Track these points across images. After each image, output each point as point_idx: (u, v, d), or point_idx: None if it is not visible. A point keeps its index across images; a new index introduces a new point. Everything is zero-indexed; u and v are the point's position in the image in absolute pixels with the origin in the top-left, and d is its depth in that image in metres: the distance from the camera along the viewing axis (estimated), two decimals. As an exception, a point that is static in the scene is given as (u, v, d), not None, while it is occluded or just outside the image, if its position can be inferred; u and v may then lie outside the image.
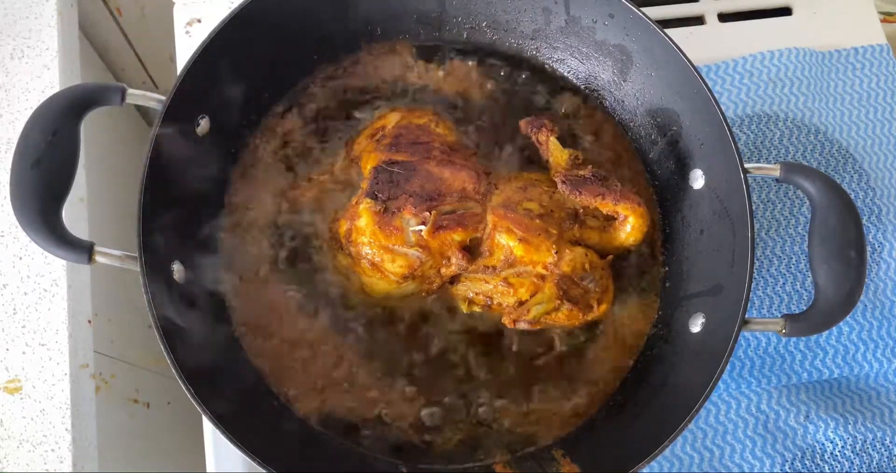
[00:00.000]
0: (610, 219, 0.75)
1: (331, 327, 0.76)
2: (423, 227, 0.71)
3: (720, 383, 0.77)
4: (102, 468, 0.83)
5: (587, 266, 0.72)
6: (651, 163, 0.82)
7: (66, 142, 0.66)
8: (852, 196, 0.73)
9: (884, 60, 0.98)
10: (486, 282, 0.73)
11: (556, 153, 0.78)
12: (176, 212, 0.71)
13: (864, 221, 0.73)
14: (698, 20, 1.00)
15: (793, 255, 0.89)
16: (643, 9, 0.75)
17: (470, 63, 0.85)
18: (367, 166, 0.76)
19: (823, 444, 0.82)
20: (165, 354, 0.63)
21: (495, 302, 0.73)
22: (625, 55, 0.80)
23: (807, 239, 0.71)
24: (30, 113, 0.67)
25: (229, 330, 0.76)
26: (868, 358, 0.86)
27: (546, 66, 0.86)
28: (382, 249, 0.72)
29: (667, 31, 0.74)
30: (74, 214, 0.87)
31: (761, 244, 0.89)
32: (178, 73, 0.71)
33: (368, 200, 0.72)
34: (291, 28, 0.79)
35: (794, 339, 0.86)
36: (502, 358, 0.76)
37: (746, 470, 0.81)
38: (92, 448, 0.82)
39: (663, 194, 0.81)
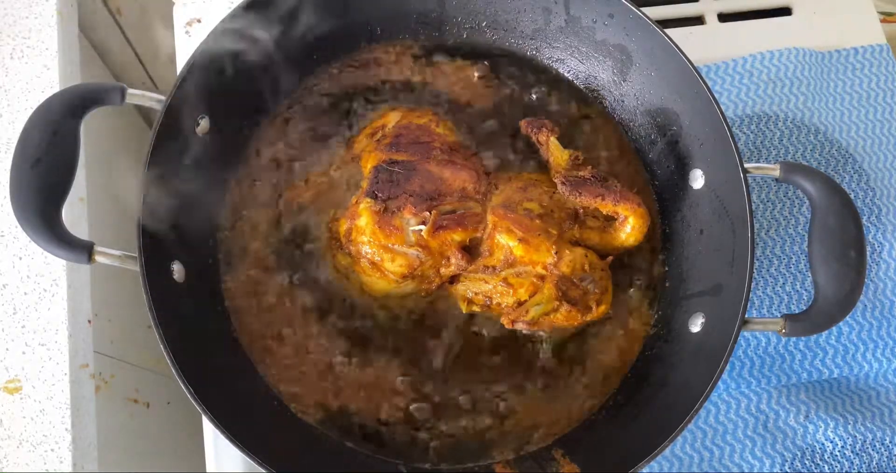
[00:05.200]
0: (610, 220, 0.75)
1: (330, 327, 0.76)
2: (423, 227, 0.71)
3: (720, 383, 0.78)
4: (102, 468, 0.83)
5: (587, 266, 0.72)
6: (651, 163, 0.82)
7: (66, 142, 0.66)
8: (852, 196, 0.73)
9: (884, 60, 0.98)
10: (486, 282, 0.73)
11: (556, 153, 0.78)
12: (176, 213, 0.71)
13: (864, 221, 0.73)
14: (698, 20, 1.00)
15: (793, 255, 0.89)
16: (643, 9, 0.75)
17: (470, 63, 0.85)
18: (368, 166, 0.76)
19: (823, 444, 0.82)
20: (165, 354, 0.63)
21: (494, 302, 0.73)
22: (625, 55, 0.80)
23: (807, 239, 0.71)
24: (30, 113, 0.67)
25: (229, 330, 0.76)
26: (868, 358, 0.86)
27: (546, 66, 0.86)
28: (382, 249, 0.72)
29: (667, 31, 0.74)
30: (74, 214, 0.87)
31: (761, 244, 0.89)
32: (178, 73, 0.71)
33: (368, 200, 0.72)
34: (291, 28, 0.79)
35: (794, 339, 0.86)
36: (501, 358, 0.76)
37: (746, 470, 0.81)
38: (92, 448, 0.82)
39: (663, 194, 0.81)
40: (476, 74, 0.85)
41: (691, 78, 0.72)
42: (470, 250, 0.73)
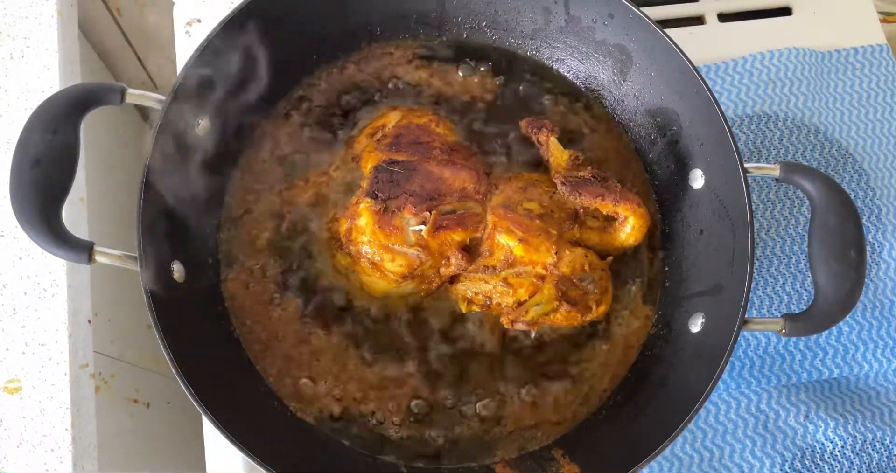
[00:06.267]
0: (610, 220, 0.75)
1: (331, 327, 0.76)
2: (423, 227, 0.71)
3: (720, 383, 0.78)
4: (102, 468, 0.83)
5: (587, 267, 0.72)
6: (651, 163, 0.82)
7: (66, 142, 0.66)
8: (852, 196, 0.73)
9: (884, 60, 0.98)
10: (486, 282, 0.73)
11: (556, 153, 0.78)
12: (176, 212, 0.71)
13: (864, 221, 0.73)
14: (698, 20, 1.00)
15: (793, 255, 0.89)
16: (643, 9, 0.75)
17: (470, 63, 0.85)
18: (368, 165, 0.76)
19: (823, 444, 0.82)
20: (165, 354, 0.63)
21: (494, 303, 0.73)
22: (625, 55, 0.80)
23: (807, 239, 0.71)
24: (30, 113, 0.67)
25: (229, 330, 0.76)
26: (868, 357, 0.86)
27: (546, 66, 0.86)
28: (382, 249, 0.72)
29: (667, 31, 0.74)
30: (74, 214, 0.87)
31: (761, 244, 0.89)
32: (178, 73, 0.71)
33: (368, 200, 0.72)
34: (291, 28, 0.79)
35: (794, 339, 0.86)
36: (501, 358, 0.76)
37: (746, 470, 0.81)
38: (92, 448, 0.82)
39: (663, 194, 0.81)
40: (476, 74, 0.85)
41: (691, 78, 0.72)
42: (470, 250, 0.73)
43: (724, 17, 1.01)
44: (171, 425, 1.12)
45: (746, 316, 0.66)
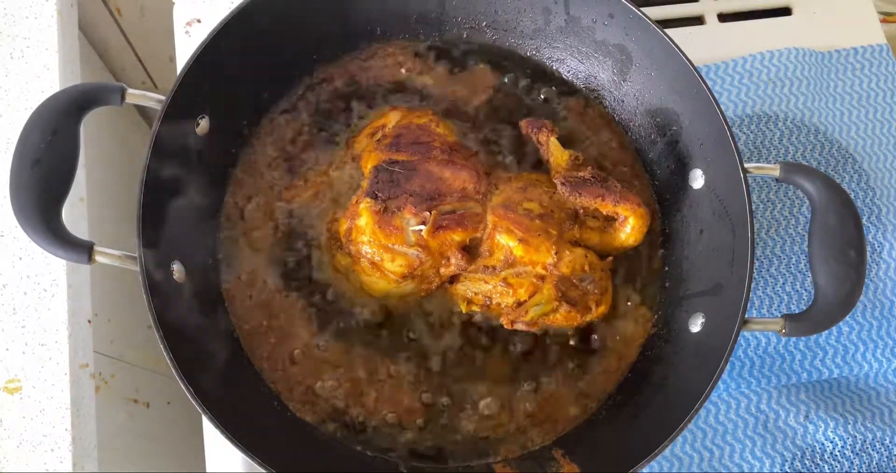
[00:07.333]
0: (610, 220, 0.75)
1: (330, 327, 0.76)
2: (423, 227, 0.71)
3: (720, 383, 0.78)
4: (102, 468, 0.83)
5: (586, 267, 0.72)
6: (651, 163, 0.82)
7: (65, 142, 0.66)
8: (852, 196, 0.73)
9: (884, 60, 0.98)
10: (486, 282, 0.73)
11: (556, 154, 0.78)
12: (176, 212, 0.71)
13: (864, 221, 0.73)
14: (698, 20, 1.00)
15: (793, 255, 0.89)
16: (643, 9, 0.75)
17: (470, 63, 0.85)
18: (368, 165, 0.76)
19: (823, 444, 0.82)
20: (165, 354, 0.63)
21: (494, 303, 0.73)
22: (625, 55, 0.80)
23: (807, 239, 0.71)
24: (30, 113, 0.67)
25: (229, 330, 0.76)
26: (868, 357, 0.86)
27: (546, 66, 0.86)
28: (382, 248, 0.72)
29: (667, 31, 0.74)
30: (74, 214, 0.87)
31: (761, 244, 0.89)
32: (178, 73, 0.71)
33: (368, 200, 0.72)
34: (291, 28, 0.79)
35: (794, 339, 0.86)
36: (501, 358, 0.76)
37: (746, 470, 0.81)
38: (92, 448, 0.82)
39: (663, 194, 0.81)
40: (475, 74, 0.85)
41: (691, 78, 0.72)
42: (470, 250, 0.73)
43: (724, 17, 1.01)
44: (171, 425, 1.12)
45: (746, 316, 0.66)
